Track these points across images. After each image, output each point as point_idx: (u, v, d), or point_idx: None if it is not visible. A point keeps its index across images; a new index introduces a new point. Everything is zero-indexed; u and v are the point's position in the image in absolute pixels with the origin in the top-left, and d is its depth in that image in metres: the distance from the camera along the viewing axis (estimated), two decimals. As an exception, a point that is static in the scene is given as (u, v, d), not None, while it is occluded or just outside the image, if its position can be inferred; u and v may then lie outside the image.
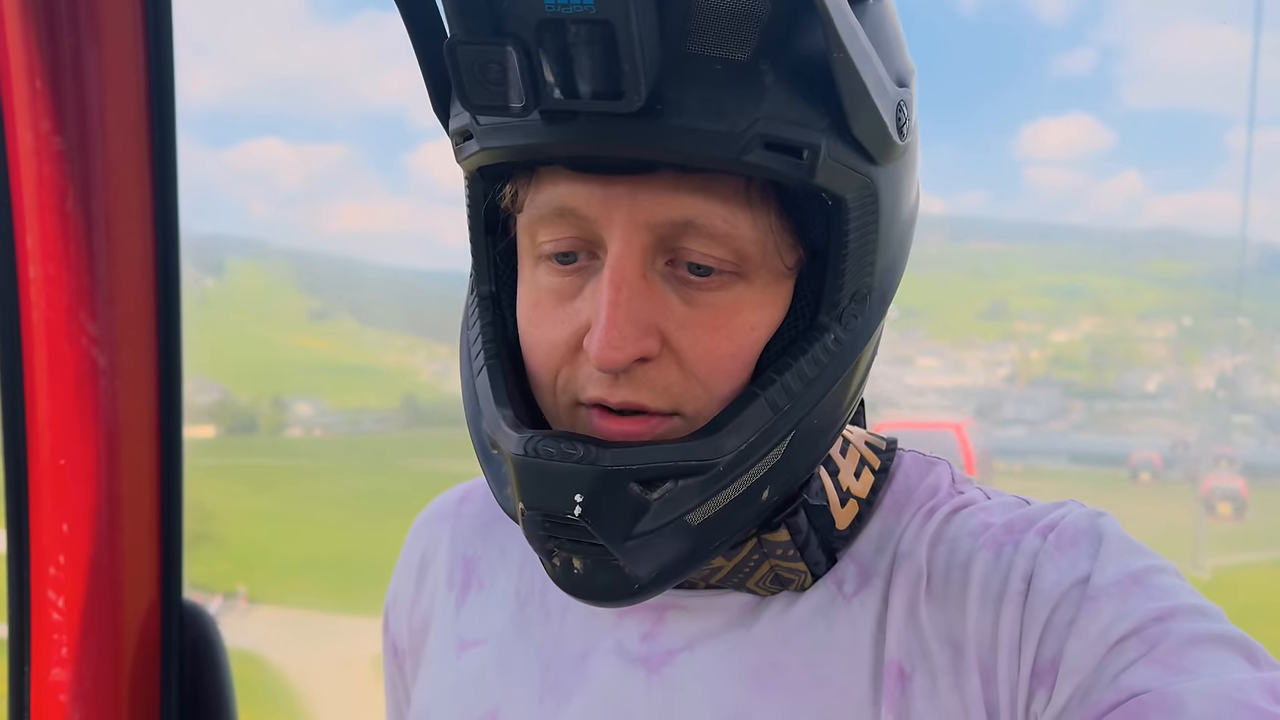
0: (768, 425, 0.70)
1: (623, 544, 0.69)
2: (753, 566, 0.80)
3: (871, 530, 0.83)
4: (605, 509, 0.68)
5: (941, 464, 0.88)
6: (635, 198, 0.68)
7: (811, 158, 0.66)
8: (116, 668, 1.42)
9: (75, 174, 1.32)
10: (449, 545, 1.00)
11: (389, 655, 1.06)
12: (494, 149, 0.70)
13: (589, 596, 0.73)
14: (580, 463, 0.68)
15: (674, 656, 0.82)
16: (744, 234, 0.69)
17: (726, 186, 0.68)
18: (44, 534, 1.38)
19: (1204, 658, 0.68)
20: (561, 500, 0.69)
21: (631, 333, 0.68)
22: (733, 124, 0.64)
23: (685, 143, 0.64)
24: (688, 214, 0.68)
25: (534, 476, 0.70)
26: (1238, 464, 48.88)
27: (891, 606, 0.78)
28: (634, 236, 0.69)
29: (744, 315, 0.71)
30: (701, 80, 0.64)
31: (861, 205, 0.70)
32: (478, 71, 0.63)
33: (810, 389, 0.71)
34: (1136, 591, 0.72)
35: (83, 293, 1.35)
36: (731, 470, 0.70)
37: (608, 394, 0.71)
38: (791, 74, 0.65)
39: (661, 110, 0.63)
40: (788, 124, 0.65)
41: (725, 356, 0.71)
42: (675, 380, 0.71)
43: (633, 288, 0.69)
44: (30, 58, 1.28)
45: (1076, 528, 0.77)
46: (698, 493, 0.69)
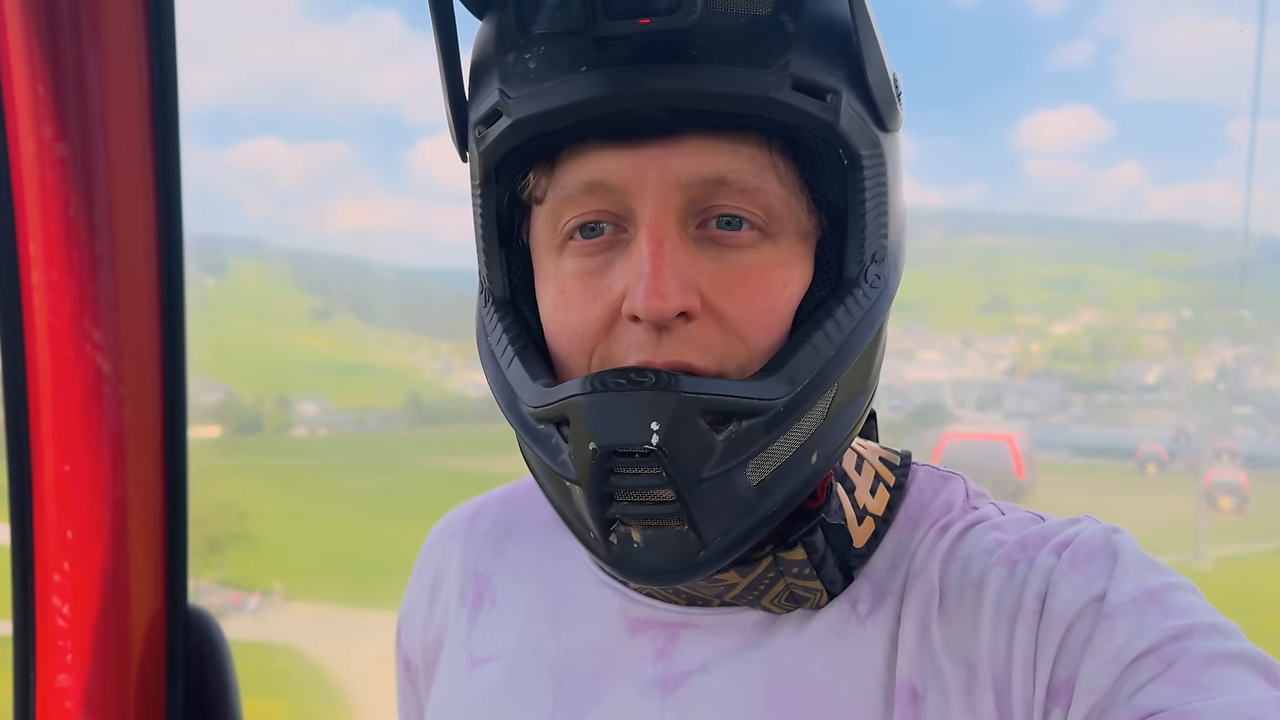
0: (818, 370, 0.71)
1: (696, 486, 0.68)
2: (768, 584, 0.79)
3: (886, 548, 0.82)
4: (680, 440, 0.68)
5: (956, 479, 0.87)
6: (667, 159, 0.70)
7: (835, 101, 0.70)
8: (122, 673, 1.42)
9: (78, 180, 1.32)
10: (460, 561, 1.00)
11: (401, 669, 1.06)
12: (528, 117, 0.71)
13: (651, 570, 0.72)
14: (655, 389, 0.68)
15: (689, 678, 0.82)
16: (773, 190, 0.72)
17: (752, 146, 0.71)
18: (49, 540, 1.38)
19: (1222, 676, 0.67)
20: (637, 429, 0.67)
21: (676, 283, 0.69)
22: (764, 63, 0.68)
23: (725, 81, 0.67)
24: (720, 170, 0.71)
25: (606, 408, 0.69)
26: (1239, 458, 48.97)
27: (904, 626, 0.78)
28: (668, 197, 0.71)
29: (776, 273, 0.73)
30: (730, 31, 0.68)
31: (875, 165, 0.73)
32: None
33: (849, 342, 0.73)
34: (1153, 609, 0.71)
35: (86, 299, 1.34)
36: (789, 414, 0.70)
37: (653, 354, 0.71)
38: (809, 26, 0.69)
39: (696, 55, 0.67)
40: (814, 68, 0.69)
41: (763, 312, 0.72)
42: (717, 338, 0.72)
43: (672, 241, 0.70)
44: (33, 64, 1.28)
45: (1091, 545, 0.76)
46: (761, 435, 0.70)
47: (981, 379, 78.87)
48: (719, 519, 0.70)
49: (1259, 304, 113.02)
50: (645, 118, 0.70)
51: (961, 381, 75.58)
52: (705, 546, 0.70)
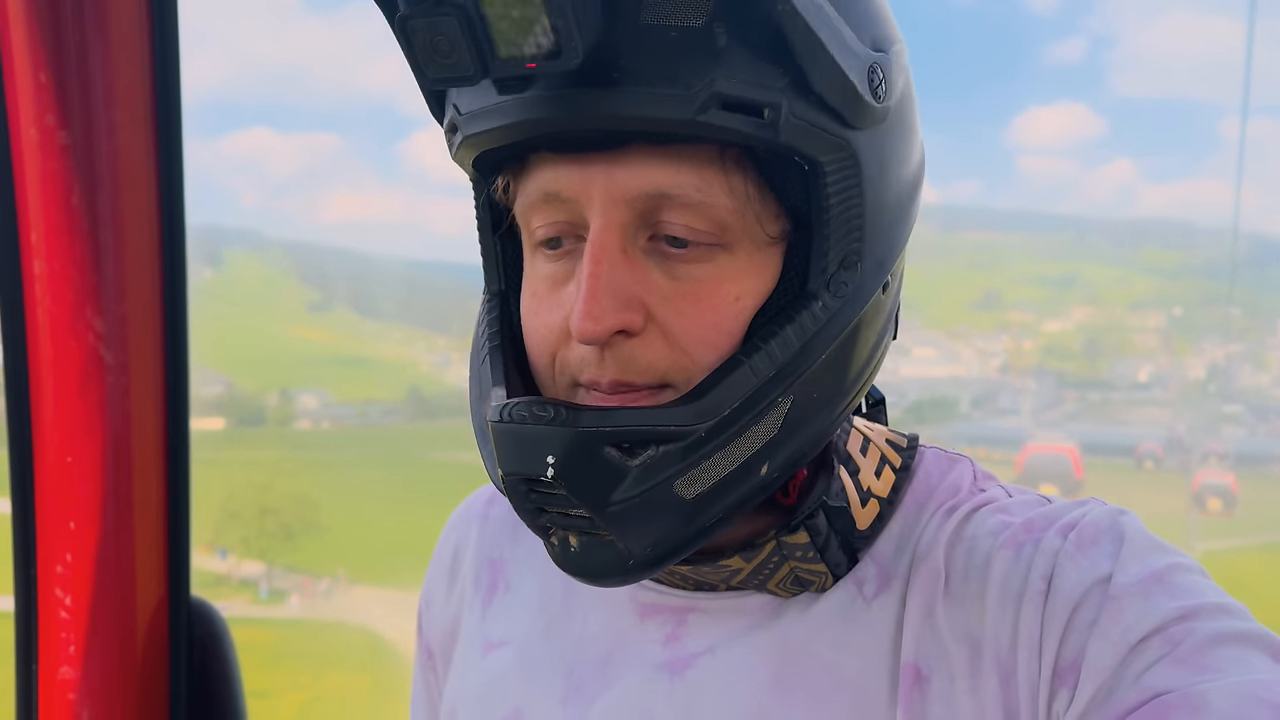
0: (751, 392, 0.70)
1: (604, 510, 0.69)
2: (773, 568, 0.79)
3: (892, 530, 0.82)
4: (580, 472, 0.69)
5: (964, 460, 0.87)
6: (611, 173, 0.70)
7: (774, 116, 0.66)
8: (125, 665, 1.41)
9: (80, 169, 1.31)
10: (476, 548, 1.01)
11: (422, 658, 1.06)
12: (474, 136, 0.71)
13: (585, 574, 0.74)
14: (551, 424, 0.69)
15: (696, 660, 0.82)
16: (720, 203, 0.70)
17: (699, 156, 0.69)
18: (51, 532, 1.37)
19: (1228, 656, 0.67)
20: (535, 462, 0.69)
21: (610, 304, 0.69)
22: (686, 84, 0.65)
23: (641, 106, 0.65)
24: (661, 185, 0.69)
25: (509, 440, 0.71)
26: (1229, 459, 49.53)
27: (909, 608, 0.77)
28: (612, 212, 0.70)
29: (727, 286, 0.72)
30: (657, 48, 0.65)
31: (840, 169, 0.71)
32: (428, 45, 0.64)
33: (800, 357, 0.71)
34: (1159, 590, 0.71)
35: (88, 289, 1.33)
36: (714, 438, 0.70)
37: (596, 374, 0.72)
38: (747, 36, 0.66)
39: (618, 78, 0.65)
40: (745, 84, 0.66)
41: (710, 327, 0.71)
42: (662, 354, 0.71)
43: (612, 261, 0.70)
44: (35, 52, 1.27)
45: (1097, 526, 0.76)
46: (679, 459, 0.69)
47: (975, 376, 79.09)
48: (645, 533, 0.71)
49: (1249, 302, 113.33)
50: (589, 133, 0.69)
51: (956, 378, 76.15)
52: (634, 556, 0.71)
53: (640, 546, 0.71)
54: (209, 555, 43.89)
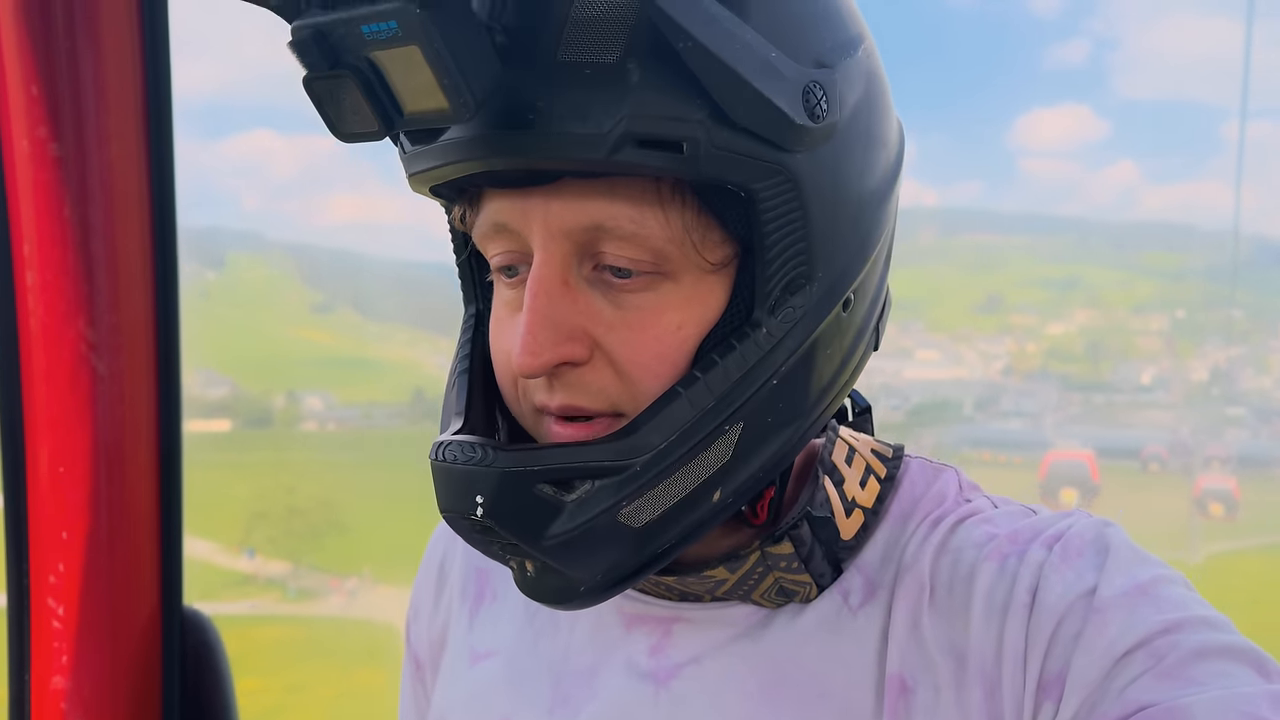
0: (689, 424, 0.70)
1: (539, 544, 0.70)
2: (757, 579, 0.79)
3: (878, 541, 0.82)
4: (510, 510, 0.69)
5: (949, 470, 0.87)
6: (548, 207, 0.70)
7: (693, 149, 0.66)
8: (117, 675, 1.41)
9: (72, 180, 1.31)
10: (463, 557, 1.01)
11: (410, 669, 1.06)
12: (413, 174, 0.74)
13: (542, 599, 0.74)
14: (479, 465, 0.69)
15: (681, 670, 0.82)
16: (656, 233, 0.69)
17: (633, 188, 0.69)
18: (43, 541, 1.38)
19: (1212, 670, 0.67)
20: (465, 502, 0.70)
21: (549, 339, 0.70)
22: (598, 124, 0.65)
23: (553, 149, 0.65)
24: (595, 218, 0.69)
25: (442, 479, 0.72)
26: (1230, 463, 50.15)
27: (894, 619, 0.77)
28: (552, 244, 0.70)
29: (670, 315, 0.71)
30: (571, 87, 0.65)
31: (776, 194, 0.69)
32: (334, 104, 0.65)
33: (741, 386, 0.71)
34: (1144, 603, 0.71)
35: (80, 299, 1.34)
36: (651, 469, 0.70)
37: (547, 399, 0.73)
38: (661, 71, 0.65)
39: (532, 119, 0.65)
40: (658, 120, 0.65)
41: (653, 357, 0.71)
42: (610, 382, 0.72)
43: (551, 294, 0.70)
44: (26, 64, 1.27)
45: (1082, 538, 0.76)
46: (614, 493, 0.69)
47: (979, 379, 79.21)
48: (590, 563, 0.71)
49: (1251, 305, 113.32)
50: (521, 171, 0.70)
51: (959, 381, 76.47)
52: (585, 583, 0.72)
53: (589, 575, 0.71)
54: (237, 555, 44.55)
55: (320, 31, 0.62)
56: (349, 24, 0.61)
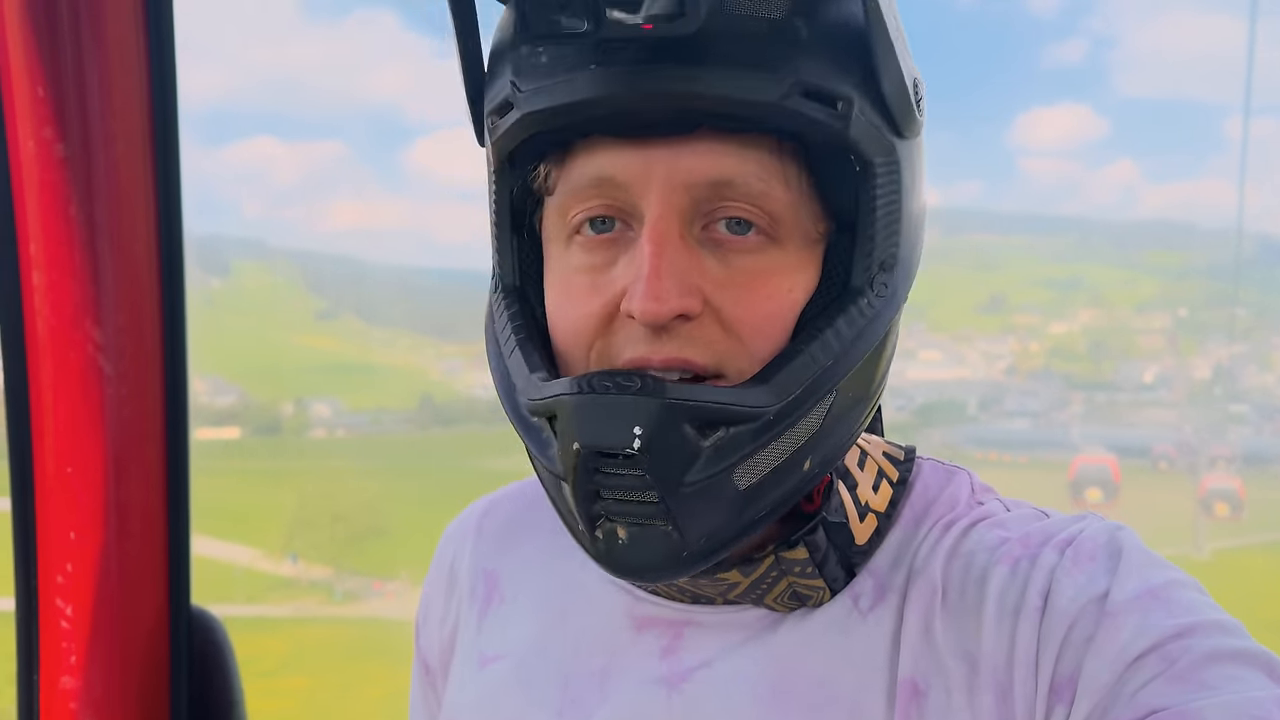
0: (812, 380, 0.71)
1: (677, 490, 0.69)
2: (770, 583, 0.79)
3: (889, 544, 0.82)
4: (664, 446, 0.68)
5: (961, 473, 0.87)
6: (674, 159, 0.70)
7: (846, 109, 0.69)
8: (126, 675, 1.42)
9: (78, 180, 1.32)
10: (471, 560, 1.00)
11: (419, 673, 1.06)
12: (537, 112, 0.71)
13: (632, 569, 0.73)
14: (639, 394, 0.68)
15: (693, 673, 0.82)
16: (778, 195, 0.71)
17: (761, 149, 0.71)
18: (51, 542, 1.38)
19: (1224, 674, 0.67)
20: (620, 433, 0.68)
21: (674, 287, 0.70)
22: (775, 69, 0.67)
23: (730, 86, 0.67)
24: (726, 173, 0.70)
25: (591, 410, 0.69)
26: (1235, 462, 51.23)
27: (906, 622, 0.78)
28: (673, 197, 0.71)
29: (780, 278, 0.73)
30: (744, 35, 0.67)
31: (888, 172, 0.72)
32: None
33: (849, 351, 0.72)
34: (1156, 607, 0.71)
35: (87, 300, 1.34)
36: (779, 422, 0.70)
37: (650, 351, 0.72)
38: (823, 32, 0.68)
39: (708, 59, 0.66)
40: (826, 74, 0.68)
41: (765, 316, 0.72)
42: (719, 338, 0.72)
43: (674, 245, 0.71)
44: (32, 64, 1.28)
45: (1095, 542, 0.76)
46: (748, 442, 0.70)
47: (982, 378, 79.28)
48: (703, 521, 0.70)
49: (1254, 302, 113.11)
50: (654, 118, 0.70)
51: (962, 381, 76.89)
52: (688, 547, 0.71)
53: (695, 536, 0.71)
54: (279, 560, 45.14)
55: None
56: None
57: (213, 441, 55.91)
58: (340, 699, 27.67)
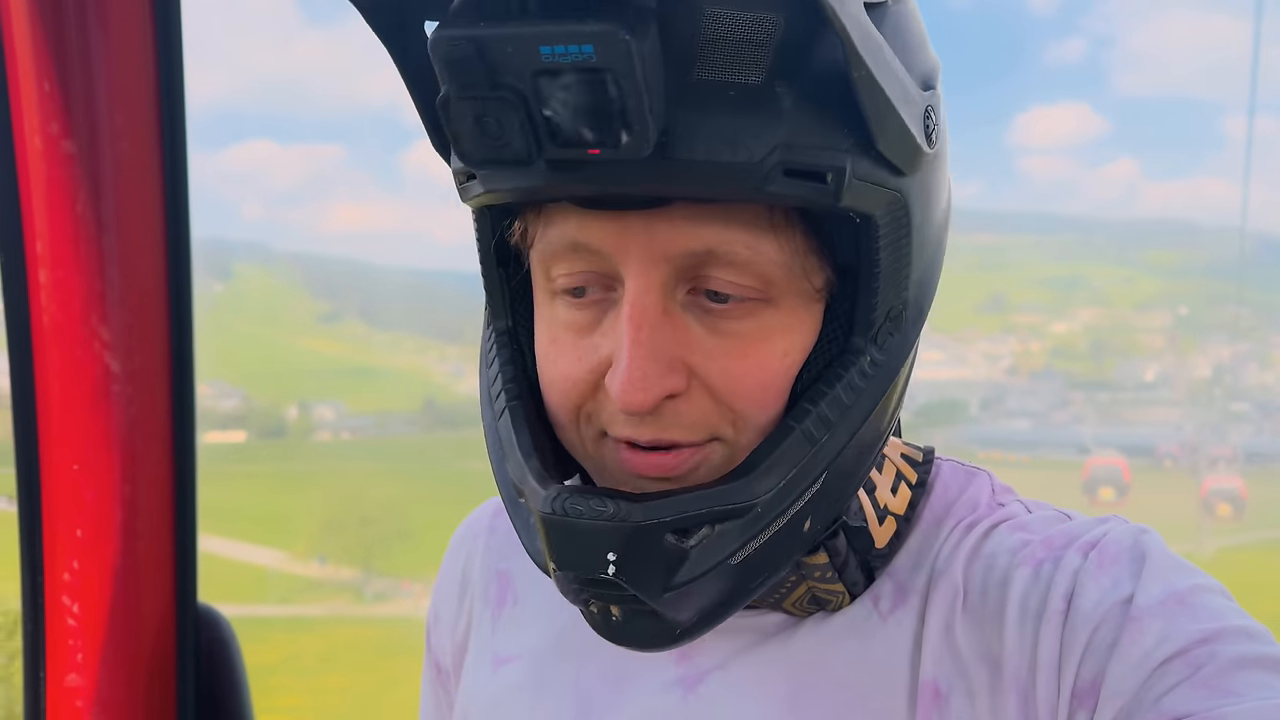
0: (806, 459, 0.67)
1: (660, 596, 0.66)
2: (790, 588, 0.78)
3: (910, 547, 0.81)
4: (640, 564, 0.66)
5: (981, 474, 0.85)
6: (651, 231, 0.65)
7: (836, 181, 0.62)
8: (133, 672, 1.41)
9: (85, 177, 1.31)
10: (483, 559, 0.99)
11: (431, 674, 1.05)
12: (499, 191, 0.67)
13: (630, 643, 0.71)
14: (612, 520, 0.65)
15: (708, 676, 0.81)
16: (769, 259, 0.66)
17: (748, 212, 0.65)
18: (58, 539, 1.37)
19: (1250, 680, 0.66)
20: (593, 560, 0.65)
21: (656, 371, 0.66)
22: (751, 153, 0.60)
23: (703, 179, 0.61)
24: (709, 244, 0.65)
25: (563, 536, 0.67)
26: (1236, 462, 52.01)
27: (928, 625, 0.76)
28: (652, 270, 0.66)
29: (774, 341, 0.68)
30: (714, 108, 0.60)
31: (892, 220, 0.67)
32: (475, 126, 0.60)
33: (848, 416, 0.68)
34: (1181, 612, 0.70)
35: (94, 297, 1.34)
36: (771, 509, 0.67)
37: (635, 433, 0.69)
38: (810, 94, 0.61)
39: (674, 145, 0.60)
40: (809, 148, 0.61)
41: (757, 386, 0.68)
42: (709, 411, 0.69)
43: (654, 324, 0.66)
44: (39, 60, 1.27)
45: (1119, 545, 0.74)
46: (738, 535, 0.67)
47: (983, 378, 79.54)
48: (695, 602, 0.68)
49: (1255, 301, 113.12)
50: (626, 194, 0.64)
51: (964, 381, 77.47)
52: (681, 625, 0.69)
53: (689, 616, 0.68)
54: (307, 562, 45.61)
55: (483, 46, 0.56)
56: (526, 42, 0.55)
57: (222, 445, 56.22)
58: (377, 696, 28.00)
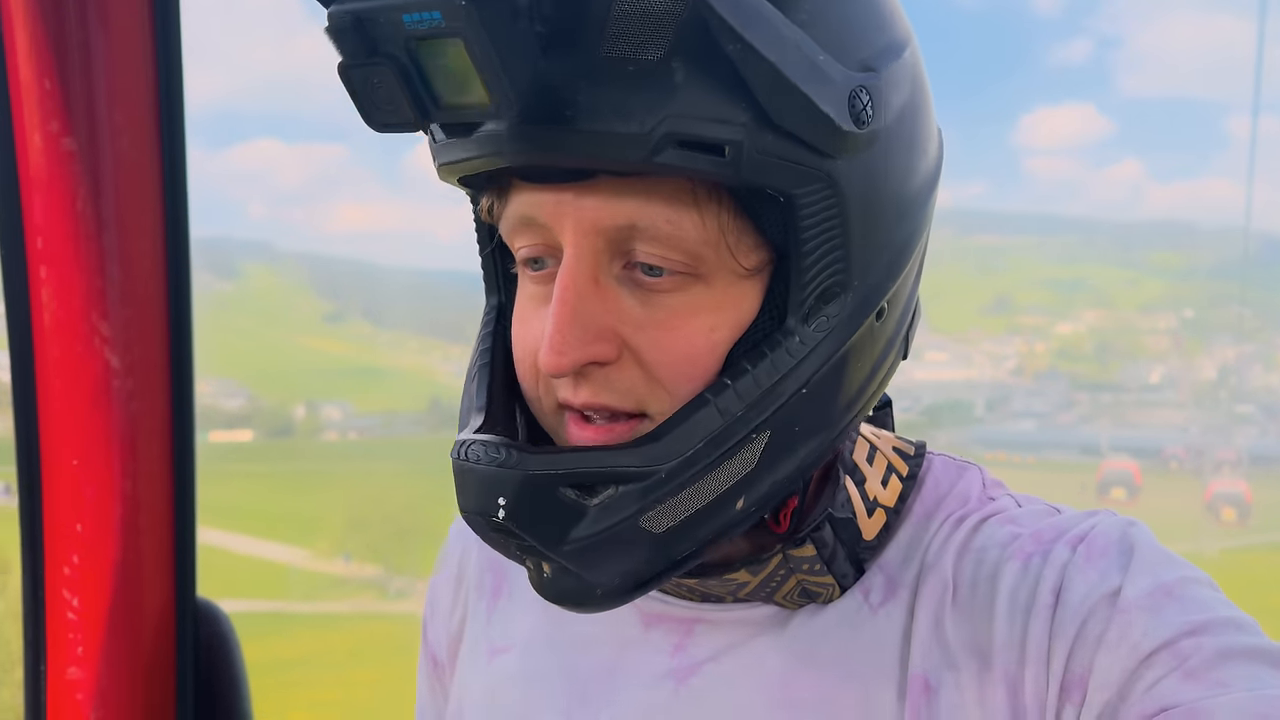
0: (717, 432, 0.68)
1: (559, 548, 0.68)
2: (780, 580, 0.79)
3: (900, 540, 0.81)
4: (532, 513, 0.68)
5: (972, 469, 0.86)
6: (580, 204, 0.68)
7: (735, 153, 0.64)
8: (132, 666, 1.42)
9: (85, 175, 1.33)
10: (479, 552, 1.00)
11: (427, 667, 1.06)
12: (444, 165, 0.72)
13: (557, 601, 0.73)
14: (503, 466, 0.68)
15: (700, 668, 0.82)
16: (691, 235, 0.68)
17: (670, 188, 0.67)
18: (58, 534, 1.39)
19: (1237, 672, 0.66)
20: (487, 503, 0.68)
21: (578, 337, 0.68)
22: (640, 124, 0.63)
23: (595, 147, 0.64)
24: (630, 217, 0.68)
25: (464, 479, 0.71)
26: (1241, 465, 52.34)
27: (917, 618, 0.77)
28: (584, 242, 0.69)
29: (701, 317, 0.70)
30: (614, 83, 0.63)
31: (818, 200, 0.68)
32: (368, 93, 0.65)
33: (771, 395, 0.69)
34: (1169, 604, 0.70)
35: (94, 293, 1.35)
36: (677, 477, 0.68)
37: (571, 395, 0.71)
38: (707, 71, 0.63)
39: (571, 115, 0.63)
40: (702, 121, 0.63)
41: (683, 359, 0.70)
42: (639, 382, 0.71)
43: (581, 292, 0.69)
44: (39, 59, 1.29)
45: (1107, 538, 0.75)
46: (638, 499, 0.68)
47: (988, 379, 79.57)
48: (612, 566, 0.70)
49: (1259, 302, 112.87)
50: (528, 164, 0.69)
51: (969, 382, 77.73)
52: (602, 587, 0.70)
53: (606, 579, 0.70)
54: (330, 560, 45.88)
55: (359, 18, 0.62)
56: (390, 12, 0.60)
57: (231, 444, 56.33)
58: (405, 689, 29.42)
